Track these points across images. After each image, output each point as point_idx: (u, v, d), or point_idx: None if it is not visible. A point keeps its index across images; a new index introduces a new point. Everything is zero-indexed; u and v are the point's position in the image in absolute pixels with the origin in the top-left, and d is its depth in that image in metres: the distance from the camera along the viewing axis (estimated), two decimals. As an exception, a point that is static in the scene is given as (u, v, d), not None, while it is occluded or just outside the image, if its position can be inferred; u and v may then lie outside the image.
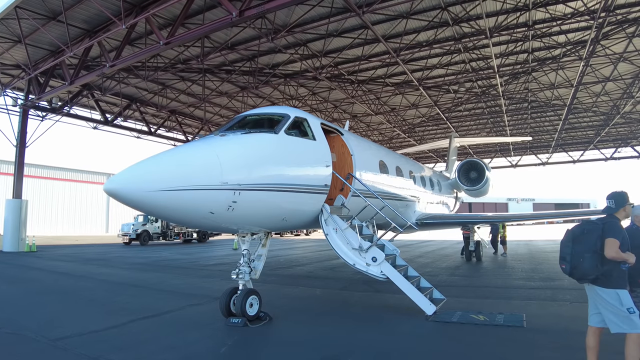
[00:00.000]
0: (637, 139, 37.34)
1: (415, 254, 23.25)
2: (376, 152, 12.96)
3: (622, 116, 29.40)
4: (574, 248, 4.79)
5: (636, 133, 35.93)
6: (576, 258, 4.74)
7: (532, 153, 42.66)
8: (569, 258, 4.80)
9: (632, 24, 17.10)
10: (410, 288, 8.24)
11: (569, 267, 4.80)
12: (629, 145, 39.30)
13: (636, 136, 36.74)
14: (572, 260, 4.76)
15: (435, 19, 16.26)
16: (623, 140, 38.67)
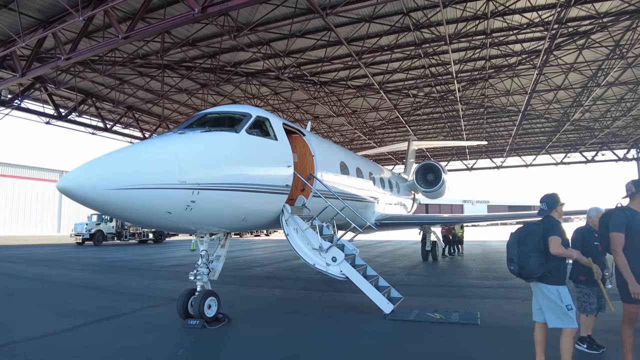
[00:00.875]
0: (585, 145, 39.19)
1: (374, 254, 23.58)
2: (337, 153, 13.07)
3: (572, 123, 30.79)
4: (520, 249, 5.05)
5: (584, 139, 37.73)
6: (523, 258, 5.00)
7: (487, 157, 44.00)
8: (516, 259, 5.05)
9: (582, 37, 17.97)
10: (369, 287, 8.37)
11: (517, 267, 5.05)
12: (578, 151, 41.24)
13: (584, 142, 38.56)
14: (519, 260, 5.02)
15: (397, 23, 16.52)
16: (572, 146, 40.52)
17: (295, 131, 10.24)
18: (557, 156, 42.54)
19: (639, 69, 21.61)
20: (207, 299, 7.71)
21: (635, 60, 20.23)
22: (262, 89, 24.62)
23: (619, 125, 33.48)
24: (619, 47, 18.38)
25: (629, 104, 27.30)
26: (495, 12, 15.69)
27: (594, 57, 19.93)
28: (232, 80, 22.28)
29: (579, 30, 17.59)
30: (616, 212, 5.26)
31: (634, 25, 16.62)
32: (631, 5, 15.12)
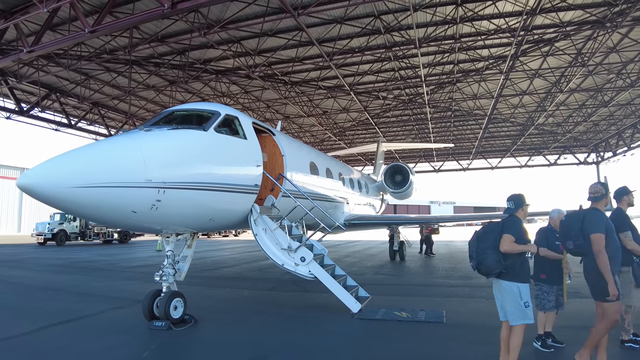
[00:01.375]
0: (548, 148, 40.49)
1: (342, 254, 23.70)
2: (307, 153, 13.08)
3: (536, 127, 31.79)
4: (478, 246, 5.25)
5: (547, 143, 38.94)
6: (481, 255, 5.18)
7: (453, 159, 44.83)
8: (474, 255, 5.26)
9: (546, 44, 18.59)
10: (337, 287, 8.42)
11: (475, 263, 5.25)
12: (541, 154, 42.56)
13: (547, 146, 39.82)
14: (478, 257, 5.21)
15: (368, 26, 16.68)
16: (536, 150, 41.79)
17: (265, 130, 10.19)
18: (521, 159, 43.81)
19: (599, 76, 22.51)
20: (173, 300, 7.60)
21: (596, 68, 21.07)
22: (232, 87, 24.43)
23: (580, 130, 34.78)
24: (580, 55, 19.09)
25: (589, 110, 28.36)
26: (464, 18, 16.02)
27: (558, 64, 20.65)
28: (201, 78, 21.99)
29: (543, 38, 18.18)
30: (594, 213, 5.42)
31: (595, 35, 17.28)
32: (592, 15, 15.74)
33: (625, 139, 35.16)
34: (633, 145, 34.75)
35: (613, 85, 23.29)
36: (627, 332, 6.36)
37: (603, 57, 19.95)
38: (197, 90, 24.94)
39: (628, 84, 22.36)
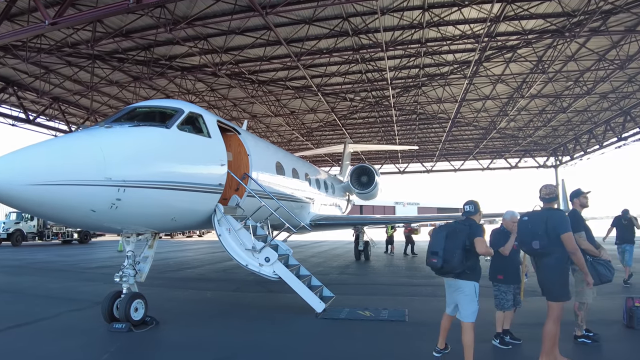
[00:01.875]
0: (510, 152, 41.66)
1: (308, 254, 23.74)
2: (273, 153, 13.01)
3: (498, 131, 32.65)
4: (447, 244, 5.34)
5: (509, 147, 40.09)
6: (449, 253, 5.31)
7: (418, 161, 45.52)
8: (441, 253, 5.35)
9: (509, 51, 19.11)
10: (301, 287, 8.42)
11: (440, 261, 5.34)
12: (503, 158, 43.76)
13: (509, 150, 40.98)
14: (445, 254, 5.32)
15: (336, 27, 16.72)
16: (498, 153, 42.93)
17: (231, 129, 10.06)
18: (483, 162, 44.90)
19: (559, 83, 23.34)
20: (133, 302, 7.44)
21: (555, 75, 21.82)
22: (197, 84, 24.03)
23: (540, 135, 36.00)
24: (541, 63, 19.73)
25: (549, 116, 29.36)
26: (431, 23, 16.29)
27: (520, 70, 21.28)
28: (166, 74, 21.55)
29: (506, 45, 18.69)
30: (560, 213, 5.62)
31: (555, 43, 17.88)
32: (553, 25, 16.29)
33: (582, 144, 36.56)
34: (589, 150, 36.12)
35: (571, 92, 24.19)
36: (580, 328, 6.63)
37: (562, 65, 20.68)
38: (161, 87, 24.44)
39: (585, 92, 23.29)
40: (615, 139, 31.64)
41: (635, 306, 7.35)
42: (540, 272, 5.58)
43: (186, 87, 24.07)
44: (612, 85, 23.31)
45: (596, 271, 6.13)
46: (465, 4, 15.12)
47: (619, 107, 27.20)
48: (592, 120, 30.80)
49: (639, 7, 15.10)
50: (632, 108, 27.02)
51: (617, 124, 30.24)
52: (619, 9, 15.10)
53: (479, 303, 5.43)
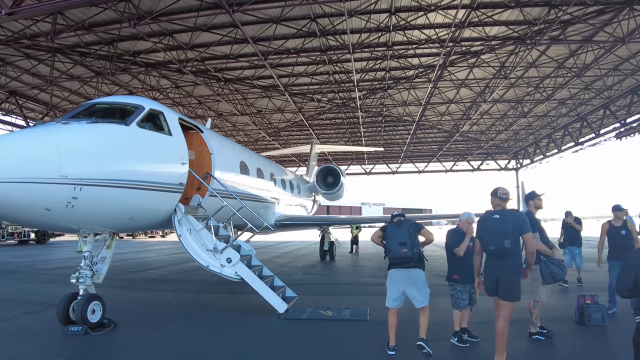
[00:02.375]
0: (472, 155, 42.64)
1: (274, 255, 23.66)
2: (237, 152, 12.86)
3: (461, 134, 33.39)
4: (410, 234, 6.22)
5: (471, 150, 41.03)
6: (414, 244, 6.21)
7: (384, 162, 46.00)
8: (409, 244, 6.16)
9: (473, 56, 19.54)
10: (264, 288, 8.38)
11: (410, 251, 6.14)
12: (465, 160, 44.75)
13: (471, 152, 41.94)
14: (412, 245, 6.17)
15: (304, 28, 16.69)
16: (461, 155, 43.87)
17: (193, 127, 9.87)
18: (447, 164, 45.79)
19: (520, 89, 24.06)
20: (90, 304, 7.24)
21: (517, 81, 22.45)
22: (162, 81, 23.56)
23: (502, 138, 37.01)
24: (503, 69, 20.26)
25: (510, 120, 30.22)
26: (397, 26, 16.46)
27: (483, 76, 21.78)
28: (130, 70, 21.01)
29: (470, 50, 19.09)
30: (520, 214, 5.82)
31: (517, 50, 18.41)
32: (515, 32, 16.75)
33: (541, 148, 37.76)
34: (548, 153, 37.37)
35: (532, 97, 24.98)
36: (534, 326, 6.85)
37: (523, 71, 21.30)
38: (124, 83, 23.83)
39: (545, 97, 24.09)
40: (572, 143, 32.76)
41: (586, 304, 7.69)
42: (502, 273, 5.59)
43: (150, 84, 23.57)
44: (570, 92, 24.18)
45: (550, 270, 6.35)
46: (431, 9, 15.35)
47: (576, 113, 28.23)
48: (551, 125, 31.89)
49: (595, 18, 15.77)
50: (588, 114, 28.10)
51: (574, 129, 31.38)
52: (577, 20, 15.67)
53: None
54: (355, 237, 24.89)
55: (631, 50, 18.62)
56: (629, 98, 23.98)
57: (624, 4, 14.86)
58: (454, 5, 14.84)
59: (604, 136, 29.26)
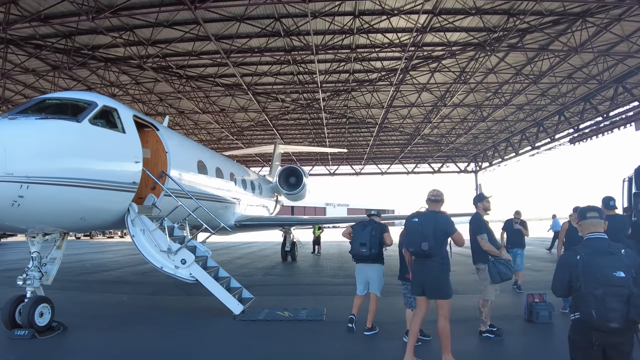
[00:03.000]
0: (433, 157, 43.48)
1: (235, 255, 23.44)
2: (195, 151, 12.62)
3: (422, 137, 33.94)
4: (371, 237, 7.13)
5: (432, 152, 41.82)
6: (373, 244, 7.14)
7: (347, 163, 46.27)
8: (368, 244, 7.13)
9: (434, 61, 19.92)
10: (219, 289, 8.27)
11: (368, 250, 7.13)
12: (426, 162, 45.60)
13: (432, 155, 42.76)
14: (371, 245, 7.12)
15: (268, 27, 16.61)
16: (422, 158, 44.67)
17: (149, 125, 9.63)
18: (408, 166, 46.51)
19: (479, 94, 24.70)
20: (38, 306, 6.98)
21: (476, 86, 23.03)
22: (122, 77, 22.88)
23: (461, 142, 37.88)
24: (464, 74, 20.72)
25: (470, 124, 30.96)
26: (361, 29, 16.60)
27: (444, 80, 22.22)
28: (88, 65, 20.36)
29: (432, 55, 19.45)
30: (443, 217, 5.89)
31: (477, 56, 18.86)
32: (475, 39, 17.18)
33: (500, 151, 38.96)
34: (506, 157, 38.56)
35: (490, 102, 25.64)
36: (484, 324, 7.04)
37: (483, 77, 21.86)
38: (82, 78, 23.08)
39: (503, 102, 24.80)
40: (529, 147, 33.91)
41: (535, 302, 7.96)
42: (426, 273, 5.69)
43: (109, 79, 22.89)
44: (527, 97, 25.01)
45: (498, 270, 6.58)
46: (394, 13, 15.54)
47: (532, 118, 29.24)
48: (509, 129, 32.86)
49: (550, 28, 16.38)
50: (544, 120, 29.20)
51: (531, 134, 32.51)
52: (534, 29, 16.23)
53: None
54: (318, 237, 24.94)
55: (584, 59, 19.43)
56: (581, 105, 25.08)
57: (577, 16, 15.50)
58: (416, 11, 15.08)
59: (558, 141, 30.45)
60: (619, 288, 3.32)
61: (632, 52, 17.39)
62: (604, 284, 3.33)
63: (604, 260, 3.43)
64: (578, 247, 3.71)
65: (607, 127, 24.91)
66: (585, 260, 3.48)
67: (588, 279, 3.40)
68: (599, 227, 3.77)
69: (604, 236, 3.72)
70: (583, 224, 3.86)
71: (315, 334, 7.36)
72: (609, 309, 3.28)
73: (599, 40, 16.87)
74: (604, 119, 25.09)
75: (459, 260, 19.23)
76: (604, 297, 3.29)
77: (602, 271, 3.37)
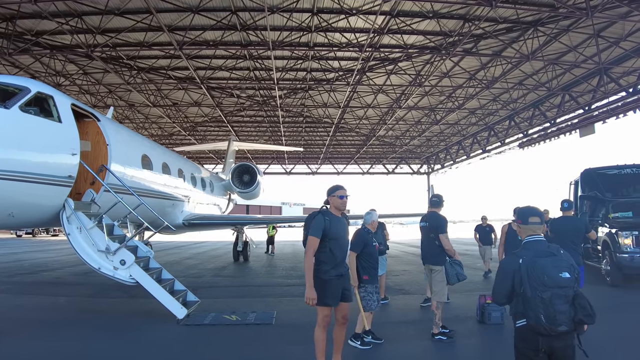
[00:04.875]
0: (387, 158, 43.94)
1: (185, 256, 22.76)
2: (140, 145, 11.99)
3: (377, 138, 34.23)
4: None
5: (387, 154, 42.26)
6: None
7: (304, 163, 46.04)
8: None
9: (391, 63, 19.98)
10: (160, 292, 7.79)
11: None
12: (381, 163, 46.06)
13: (387, 156, 43.20)
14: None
15: (224, 20, 16.12)
16: (377, 159, 45.05)
17: (89, 115, 9.00)
18: (364, 166, 46.86)
19: (433, 97, 25.03)
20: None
21: (431, 89, 23.33)
22: (68, 66, 21.68)
23: (415, 144, 38.51)
24: (419, 77, 20.92)
25: (423, 127, 31.42)
26: (319, 27, 16.39)
27: (400, 82, 22.35)
28: (31, 51, 19.11)
29: (389, 57, 19.50)
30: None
31: (432, 59, 19.08)
32: (432, 42, 17.36)
33: (452, 154, 39.84)
34: (458, 159, 39.49)
35: (444, 106, 26.09)
36: (437, 326, 6.99)
37: (438, 81, 22.13)
38: (25, 66, 21.65)
39: (456, 106, 25.31)
40: (480, 150, 34.86)
41: (486, 303, 7.90)
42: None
43: (55, 68, 21.63)
44: (480, 102, 25.57)
45: (455, 271, 6.64)
46: (353, 12, 15.43)
47: (484, 122, 30.01)
48: (461, 133, 33.65)
49: (504, 35, 16.78)
50: (495, 124, 30.05)
51: (482, 138, 33.41)
52: (489, 35, 16.57)
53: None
54: (271, 237, 24.58)
55: (534, 67, 20.05)
56: (531, 111, 25.98)
57: (529, 25, 15.95)
58: (374, 11, 15.02)
59: (508, 145, 31.33)
60: (565, 289, 3.26)
61: (579, 61, 18.10)
62: (551, 285, 3.23)
63: (547, 262, 3.33)
64: (519, 251, 3.58)
65: (554, 132, 25.83)
66: (528, 263, 3.35)
67: (534, 282, 3.28)
68: (538, 230, 3.67)
69: (541, 238, 3.63)
70: (524, 228, 3.73)
71: (263, 338, 7.05)
72: (558, 311, 3.20)
73: (549, 49, 17.43)
74: (551, 125, 26.01)
75: (411, 260, 19.52)
76: (552, 300, 3.21)
77: (548, 273, 3.26)
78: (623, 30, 16.46)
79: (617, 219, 11.11)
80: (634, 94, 19.35)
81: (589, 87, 20.91)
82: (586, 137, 22.85)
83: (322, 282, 5.09)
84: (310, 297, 4.91)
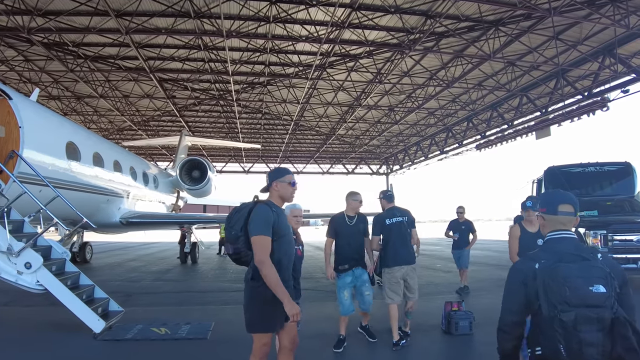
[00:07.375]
0: (347, 158, 43.56)
1: (129, 257, 21.39)
2: (64, 130, 10.72)
3: (337, 138, 33.76)
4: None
5: (347, 153, 41.87)
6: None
7: (263, 161, 45.02)
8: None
9: (352, 59, 19.43)
10: (73, 301, 6.71)
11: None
12: (341, 163, 45.70)
13: (346, 156, 42.81)
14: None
15: (175, 5, 15.04)
16: (337, 159, 44.64)
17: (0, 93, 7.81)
18: (324, 166, 46.38)
19: (393, 97, 24.70)
20: None
21: (392, 88, 22.96)
22: (7, 51, 19.91)
23: (374, 144, 38.39)
24: (380, 75, 20.45)
25: (383, 127, 31.16)
26: (277, 18, 15.61)
27: (360, 79, 21.83)
28: (-37, 34, 17.37)
29: (350, 53, 18.94)
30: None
31: (393, 57, 18.64)
32: (394, 38, 16.87)
33: (410, 155, 39.95)
34: (416, 160, 39.64)
35: (404, 106, 25.79)
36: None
37: (398, 79, 21.78)
38: (-44, 50, 19.78)
39: (415, 106, 25.09)
40: (438, 152, 35.03)
41: (452, 311, 7.09)
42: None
43: (-8, 53, 19.81)
44: (439, 103, 25.41)
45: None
46: (313, 3, 14.75)
47: (443, 124, 30.10)
48: (420, 134, 33.71)
49: (466, 34, 16.57)
50: (454, 125, 30.21)
51: (440, 139, 33.55)
52: (450, 33, 16.31)
53: None
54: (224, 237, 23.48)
55: (494, 68, 20.04)
56: (489, 113, 26.14)
57: (491, 24, 15.78)
58: (334, 3, 14.40)
59: (466, 146, 31.53)
60: (597, 310, 2.24)
61: (539, 62, 18.15)
62: (576, 304, 2.25)
63: (572, 269, 2.33)
64: (536, 252, 2.63)
65: (511, 135, 26.04)
66: (545, 269, 2.40)
67: (552, 297, 2.32)
68: (569, 224, 2.65)
69: (571, 235, 2.62)
70: (550, 220, 2.69)
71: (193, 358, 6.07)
72: (585, 342, 2.21)
73: (509, 50, 17.41)
74: (508, 126, 26.23)
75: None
76: (577, 325, 2.22)
77: (571, 284, 2.28)
78: (580, 34, 16.69)
79: (583, 217, 10.73)
80: (589, 97, 19.74)
81: (547, 89, 21.12)
82: (542, 139, 23.06)
83: (260, 301, 3.74)
84: (294, 312, 3.51)
